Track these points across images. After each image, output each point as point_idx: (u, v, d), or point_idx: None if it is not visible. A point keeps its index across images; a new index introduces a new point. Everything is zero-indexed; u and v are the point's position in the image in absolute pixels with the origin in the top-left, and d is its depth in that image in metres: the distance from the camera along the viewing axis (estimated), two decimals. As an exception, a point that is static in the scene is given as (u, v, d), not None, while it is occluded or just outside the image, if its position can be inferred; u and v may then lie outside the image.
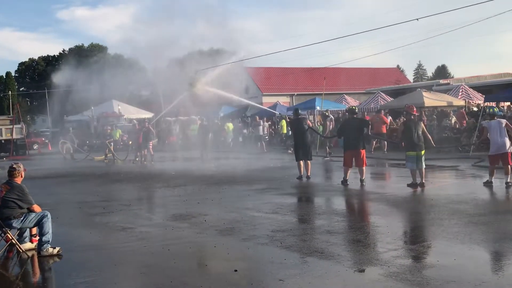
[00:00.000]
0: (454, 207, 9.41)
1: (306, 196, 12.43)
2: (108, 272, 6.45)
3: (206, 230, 8.45)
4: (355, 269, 6.09)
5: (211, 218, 9.33)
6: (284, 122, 31.01)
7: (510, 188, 11.34)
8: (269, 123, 32.80)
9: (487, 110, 12.98)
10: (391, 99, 30.25)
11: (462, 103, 26.69)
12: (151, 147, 22.76)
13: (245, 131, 32.97)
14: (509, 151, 11.69)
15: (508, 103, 25.24)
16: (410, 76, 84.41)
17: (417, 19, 14.63)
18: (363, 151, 13.09)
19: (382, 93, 31.96)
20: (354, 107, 14.89)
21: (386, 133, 23.60)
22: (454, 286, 5.25)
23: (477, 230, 7.72)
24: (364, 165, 13.07)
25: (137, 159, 23.18)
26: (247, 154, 25.63)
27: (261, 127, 28.35)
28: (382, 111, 25.03)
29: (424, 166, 12.20)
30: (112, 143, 25.89)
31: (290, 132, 25.66)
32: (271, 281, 5.72)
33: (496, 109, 13.26)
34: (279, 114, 29.95)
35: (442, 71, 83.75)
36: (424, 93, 26.10)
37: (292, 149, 19.02)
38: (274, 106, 35.75)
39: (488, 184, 11.83)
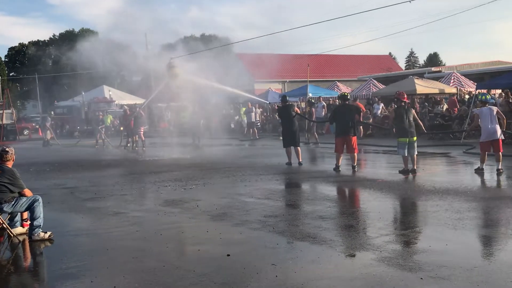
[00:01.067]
0: (446, 194, 9.45)
1: (297, 182, 12.42)
2: (100, 256, 6.43)
3: (198, 215, 8.45)
4: (347, 254, 6.13)
5: (203, 204, 9.33)
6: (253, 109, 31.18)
7: (501, 175, 11.42)
8: (261, 109, 32.73)
9: (479, 97, 13.01)
10: (383, 86, 30.33)
11: (453, 90, 26.82)
12: (142, 133, 22.69)
13: (237, 117, 32.93)
14: (500, 137, 11.76)
15: (500, 91, 25.32)
16: (402, 63, 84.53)
17: (409, 1, 14.72)
18: (354, 138, 13.12)
19: (374, 80, 32.05)
20: (346, 94, 14.89)
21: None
22: (446, 271, 5.28)
23: (469, 216, 7.77)
24: (356, 151, 13.10)
25: (128, 144, 23.13)
26: (239, 141, 25.66)
27: (253, 114, 28.27)
28: (358, 99, 25.43)
29: (416, 153, 12.24)
30: (103, 129, 25.78)
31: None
32: (264, 265, 5.72)
33: (488, 96, 13.30)
34: (269, 102, 29.95)
35: (434, 59, 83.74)
36: (416, 81, 26.21)
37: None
38: (266, 93, 35.69)
39: (479, 171, 11.90)
